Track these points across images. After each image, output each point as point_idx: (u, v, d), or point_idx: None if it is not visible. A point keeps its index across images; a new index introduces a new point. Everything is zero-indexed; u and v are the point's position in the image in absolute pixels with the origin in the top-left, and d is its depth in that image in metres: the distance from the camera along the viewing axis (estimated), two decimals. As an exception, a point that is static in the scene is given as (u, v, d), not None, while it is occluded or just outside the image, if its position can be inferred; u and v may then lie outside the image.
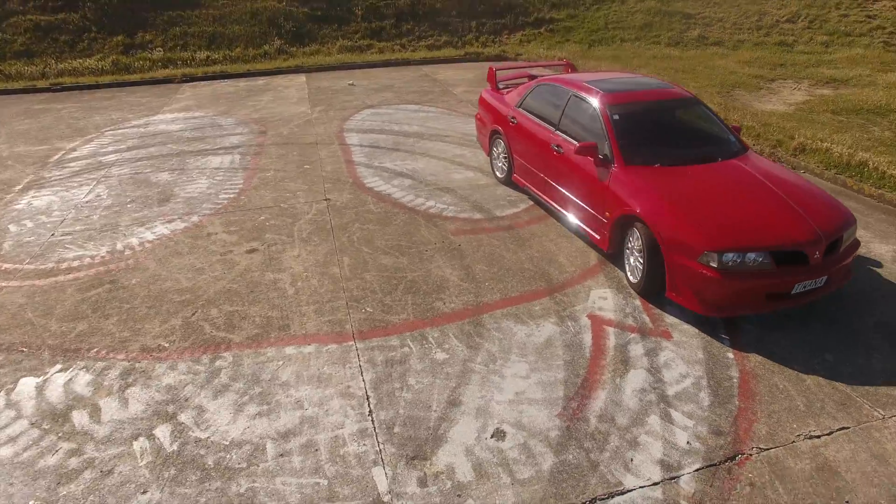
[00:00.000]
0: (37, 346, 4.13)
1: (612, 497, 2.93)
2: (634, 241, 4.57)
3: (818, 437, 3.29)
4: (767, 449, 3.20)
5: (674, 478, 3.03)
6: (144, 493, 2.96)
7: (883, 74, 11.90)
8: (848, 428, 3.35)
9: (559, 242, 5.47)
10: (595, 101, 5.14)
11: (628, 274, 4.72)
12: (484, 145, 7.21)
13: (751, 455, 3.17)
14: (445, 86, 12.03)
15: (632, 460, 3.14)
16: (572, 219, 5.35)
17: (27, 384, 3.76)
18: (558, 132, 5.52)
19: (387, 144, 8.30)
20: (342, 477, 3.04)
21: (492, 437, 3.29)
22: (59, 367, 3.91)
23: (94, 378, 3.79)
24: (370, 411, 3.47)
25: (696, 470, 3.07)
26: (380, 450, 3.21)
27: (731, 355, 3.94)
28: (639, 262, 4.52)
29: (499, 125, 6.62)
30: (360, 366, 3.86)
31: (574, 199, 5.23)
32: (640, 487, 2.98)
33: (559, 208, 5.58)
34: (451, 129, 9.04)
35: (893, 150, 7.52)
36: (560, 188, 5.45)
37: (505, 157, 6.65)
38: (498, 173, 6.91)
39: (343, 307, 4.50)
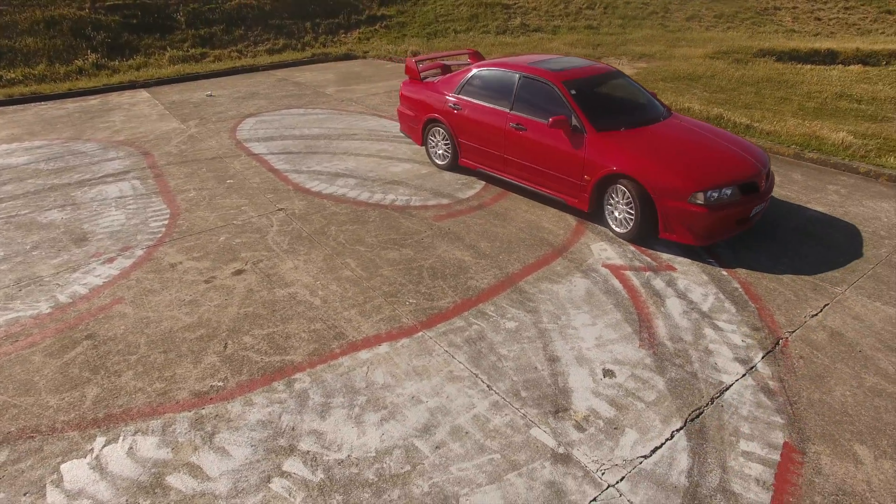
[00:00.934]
0: (50, 428, 3.38)
1: (723, 393, 3.51)
2: (619, 197, 5.23)
3: (815, 315, 4.26)
4: (793, 331, 4.07)
5: (752, 367, 3.72)
6: (327, 521, 2.75)
7: (674, 49, 14.54)
8: (828, 304, 4.39)
9: (534, 212, 5.95)
10: (551, 81, 5.68)
11: (614, 226, 5.39)
12: (415, 136, 7.36)
13: (787, 338, 4.00)
14: (313, 88, 11.71)
15: (716, 364, 3.75)
16: (544, 188, 5.86)
17: (75, 468, 3.10)
18: (514, 112, 5.96)
19: (299, 149, 7.96)
20: (510, 446, 3.15)
21: (604, 376, 3.66)
22: (102, 439, 3.28)
23: (161, 438, 3.27)
24: (489, 386, 3.59)
25: (762, 358, 3.80)
26: (524, 414, 3.36)
27: (725, 273, 4.81)
28: (627, 213, 5.20)
29: (436, 114, 6.84)
30: (445, 350, 3.91)
31: (544, 170, 5.73)
32: (737, 381, 3.60)
33: (526, 181, 6.04)
34: (353, 127, 8.95)
35: (722, 105, 9.41)
36: (526, 162, 5.91)
37: (446, 144, 6.91)
38: (438, 161, 7.13)
39: (385, 305, 4.43)
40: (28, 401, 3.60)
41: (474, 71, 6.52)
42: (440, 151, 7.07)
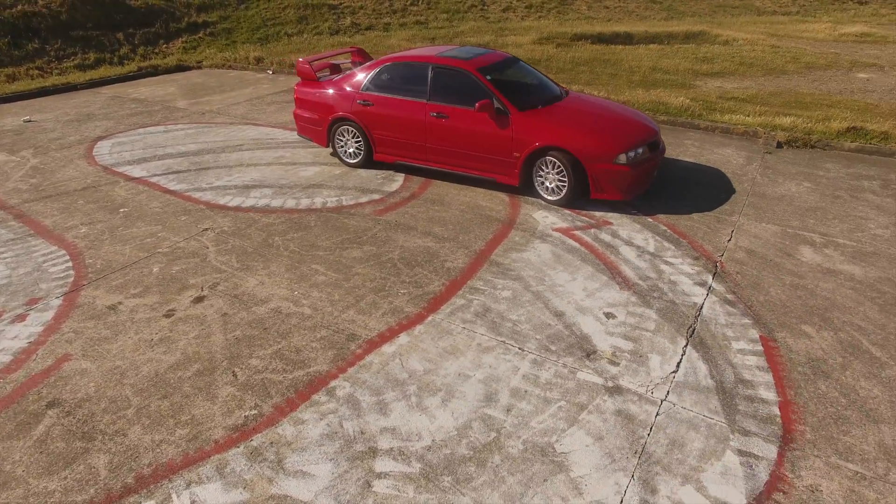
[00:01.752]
0: (65, 508, 2.85)
1: (700, 311, 4.20)
2: (549, 168, 5.77)
3: (729, 240, 5.23)
4: (721, 254, 4.97)
5: (710, 287, 4.49)
6: None
7: (503, 38, 15.83)
8: (733, 230, 5.40)
9: (466, 194, 6.26)
10: (466, 69, 6.00)
11: (546, 196, 5.93)
12: (319, 138, 7.16)
13: (720, 260, 4.88)
14: (161, 103, 10.56)
15: (684, 290, 4.46)
16: (473, 170, 6.19)
17: (130, 538, 2.70)
18: (433, 102, 6.17)
19: (186, 167, 7.24)
20: (568, 392, 3.45)
21: (607, 318, 4.13)
22: (151, 503, 2.87)
23: (223, 481, 2.95)
24: (520, 348, 3.83)
25: (713, 279, 4.60)
26: (563, 364, 3.68)
27: (650, 220, 5.62)
28: (559, 182, 5.76)
29: (343, 113, 6.75)
30: (463, 328, 4.05)
31: (473, 153, 6.05)
32: (705, 300, 4.33)
33: (452, 166, 6.31)
34: (234, 138, 8.36)
35: (568, 84, 10.63)
36: (451, 148, 6.17)
37: (357, 142, 6.87)
38: (349, 160, 7.05)
39: (379, 300, 4.40)
40: (15, 494, 2.97)
41: (380, 66, 6.58)
42: (351, 150, 7.00)
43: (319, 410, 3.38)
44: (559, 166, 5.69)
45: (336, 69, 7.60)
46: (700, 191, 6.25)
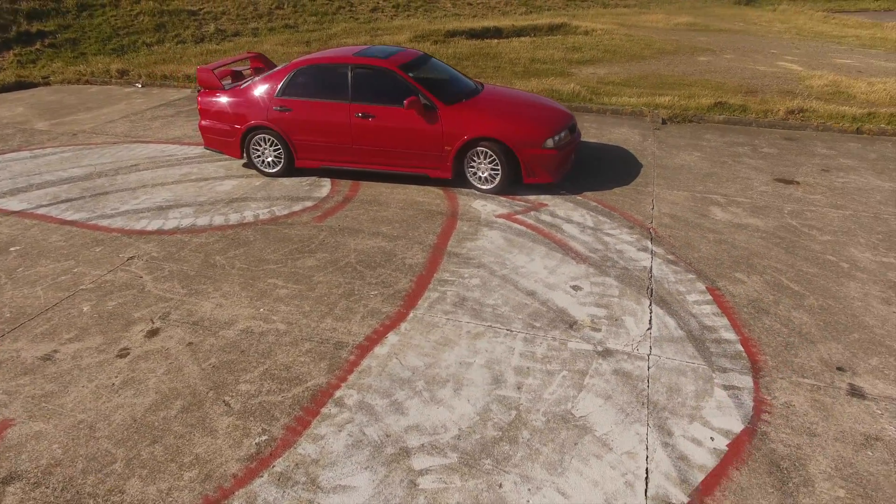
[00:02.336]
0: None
1: (651, 273, 4.64)
2: (481, 158, 5.97)
3: (653, 208, 5.80)
4: (651, 222, 5.51)
5: (652, 252, 4.98)
6: (500, 486, 2.87)
7: (379, 38, 15.84)
8: (653, 199, 6.00)
9: (400, 192, 6.26)
10: (388, 67, 5.99)
11: (479, 185, 6.13)
12: (231, 150, 6.72)
13: (652, 226, 5.41)
14: (12, 126, 9.17)
15: (631, 257, 4.89)
16: (404, 167, 6.21)
17: None
18: (356, 102, 6.09)
19: (78, 194, 6.43)
20: (566, 362, 3.67)
21: (575, 291, 4.42)
22: (173, 552, 2.61)
23: (249, 513, 2.77)
24: (508, 329, 3.98)
25: (651, 243, 5.10)
26: (553, 337, 3.90)
27: (580, 197, 6.05)
28: (492, 171, 5.99)
29: (258, 121, 6.40)
30: (447, 319, 4.11)
31: (403, 150, 6.08)
32: (652, 263, 4.79)
33: (381, 165, 6.28)
34: (125, 159, 7.55)
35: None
36: (380, 148, 6.14)
37: (276, 151, 6.56)
38: (268, 169, 6.71)
39: (354, 306, 4.30)
40: (0, 580, 2.55)
41: (294, 70, 6.34)
42: (269, 159, 6.67)
43: (335, 422, 3.27)
44: (491, 156, 5.92)
45: (238, 76, 7.19)
46: (613, 167, 6.85)
